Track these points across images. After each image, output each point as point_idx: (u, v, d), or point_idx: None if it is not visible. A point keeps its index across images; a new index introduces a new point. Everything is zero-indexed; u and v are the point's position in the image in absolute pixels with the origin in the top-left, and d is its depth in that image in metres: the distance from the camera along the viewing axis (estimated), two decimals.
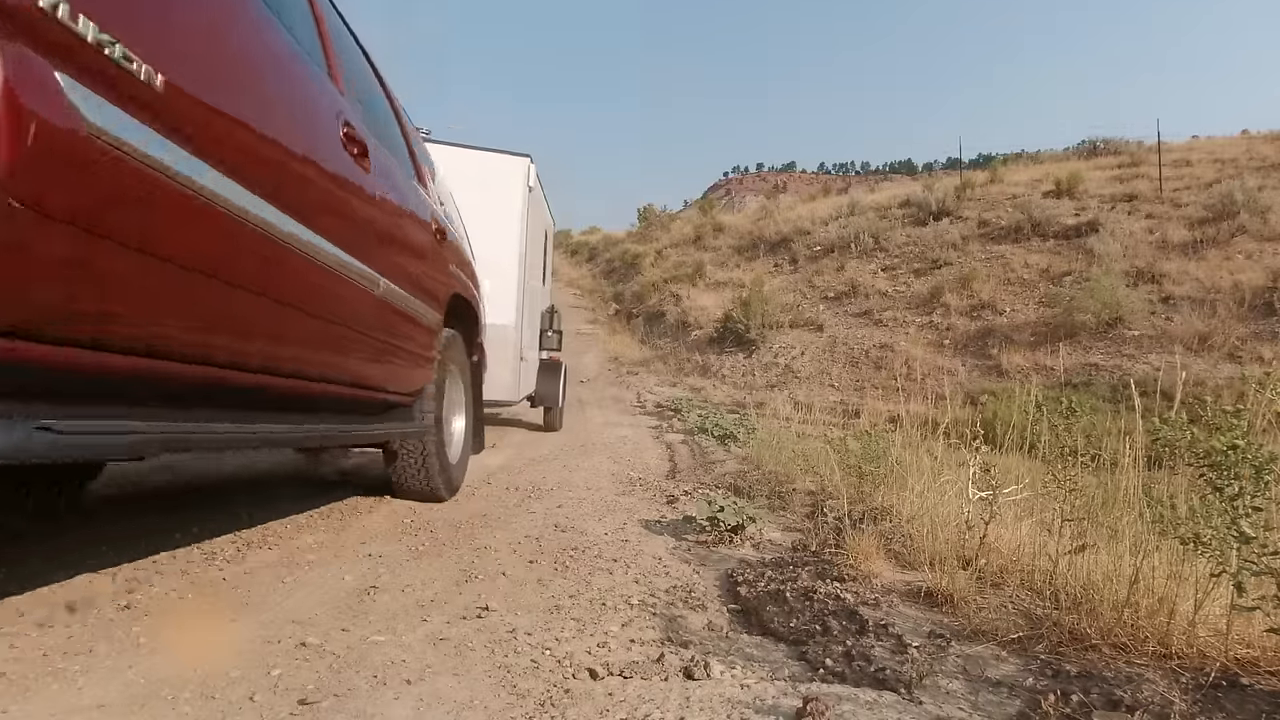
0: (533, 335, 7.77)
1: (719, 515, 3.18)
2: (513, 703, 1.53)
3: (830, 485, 4.24)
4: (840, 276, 17.63)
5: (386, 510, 3.44)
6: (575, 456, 6.07)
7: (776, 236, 21.31)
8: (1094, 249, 14.68)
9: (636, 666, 1.73)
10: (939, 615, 2.25)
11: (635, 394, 11.52)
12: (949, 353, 13.67)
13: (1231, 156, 18.24)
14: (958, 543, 2.68)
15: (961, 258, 16.39)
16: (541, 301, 8.65)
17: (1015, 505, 2.95)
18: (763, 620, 2.18)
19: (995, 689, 1.72)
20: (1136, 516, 2.14)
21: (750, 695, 1.61)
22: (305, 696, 1.48)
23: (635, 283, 22.42)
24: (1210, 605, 1.87)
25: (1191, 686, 1.68)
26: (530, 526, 3.28)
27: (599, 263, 28.15)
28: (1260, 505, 1.75)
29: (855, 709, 1.56)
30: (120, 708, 1.40)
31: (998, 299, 14.53)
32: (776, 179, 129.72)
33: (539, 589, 2.36)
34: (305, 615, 1.96)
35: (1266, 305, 11.94)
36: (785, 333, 15.66)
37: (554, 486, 4.44)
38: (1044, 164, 22.50)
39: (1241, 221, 14.01)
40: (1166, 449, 2.12)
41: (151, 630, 1.77)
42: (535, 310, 7.96)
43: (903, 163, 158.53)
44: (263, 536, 2.88)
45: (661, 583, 2.52)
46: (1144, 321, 12.48)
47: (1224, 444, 1.78)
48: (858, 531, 2.97)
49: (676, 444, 7.31)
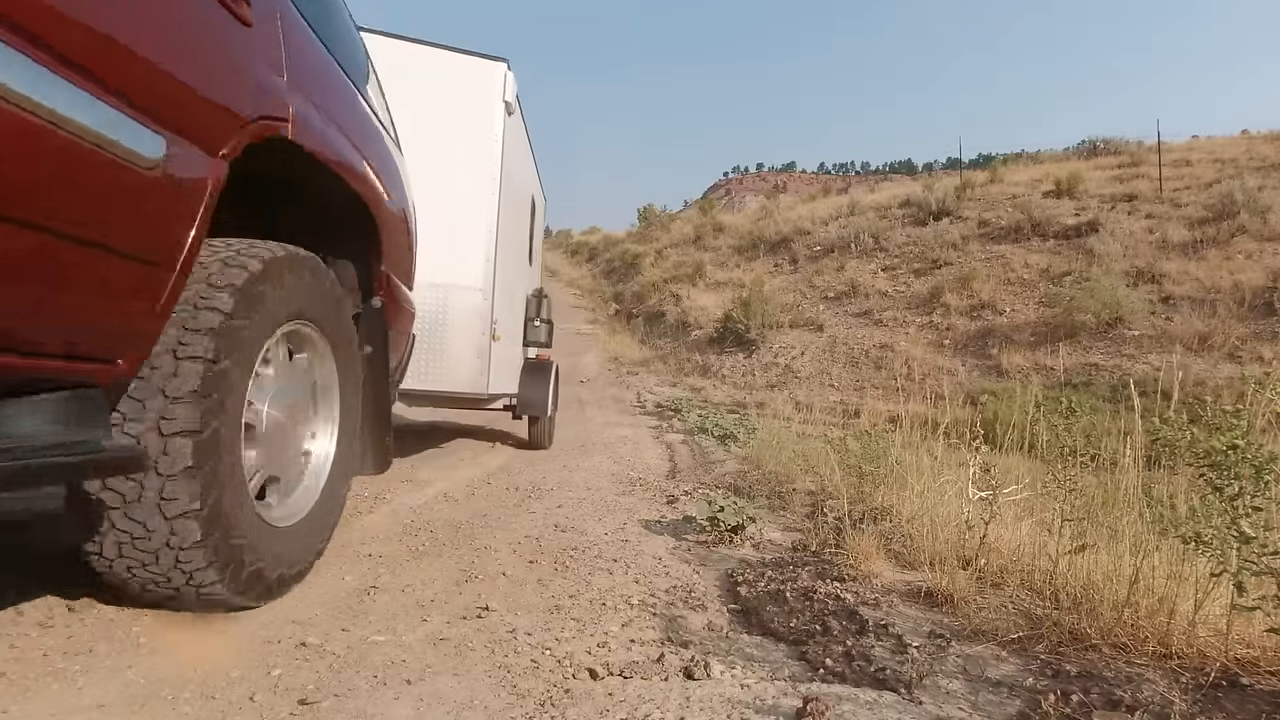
0: (514, 319, 6.17)
1: (719, 515, 3.18)
2: (513, 703, 1.53)
3: (830, 485, 4.24)
4: (840, 276, 17.63)
5: (387, 510, 3.44)
6: (575, 456, 6.07)
7: (776, 236, 21.31)
8: (1094, 249, 14.68)
9: (636, 666, 1.73)
10: (939, 615, 2.25)
11: (635, 394, 11.52)
12: (949, 353, 13.67)
13: (1231, 156, 18.25)
14: (958, 543, 2.68)
15: (961, 258, 16.40)
16: (528, 282, 6.97)
17: (1015, 505, 2.95)
18: (763, 620, 2.18)
19: (995, 689, 1.72)
20: (1136, 516, 2.14)
21: (750, 695, 1.61)
22: (305, 696, 1.48)
23: (635, 283, 22.43)
24: (1210, 605, 1.87)
25: (1191, 686, 1.68)
26: (530, 526, 3.28)
27: (599, 263, 28.16)
28: (1260, 505, 1.75)
29: (855, 709, 1.56)
30: (120, 708, 1.40)
31: (998, 299, 14.53)
32: (776, 179, 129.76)
33: (539, 589, 2.36)
34: (305, 615, 1.96)
35: (1266, 305, 11.94)
36: (785, 333, 15.66)
37: (554, 486, 4.44)
38: (1044, 164, 22.51)
39: (1241, 221, 14.02)
40: (1166, 449, 2.13)
41: (151, 630, 1.77)
42: (517, 288, 6.30)
43: (903, 163, 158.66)
44: None
45: (661, 583, 2.52)
46: (1144, 321, 12.48)
47: (1224, 444, 1.78)
48: (858, 531, 2.97)
49: (676, 444, 7.31)
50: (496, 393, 5.35)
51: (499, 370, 5.29)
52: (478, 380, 4.88)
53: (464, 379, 4.83)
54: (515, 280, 6.13)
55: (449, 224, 4.69)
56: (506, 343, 5.69)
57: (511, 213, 5.57)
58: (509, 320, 5.82)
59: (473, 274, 4.88)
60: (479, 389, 4.91)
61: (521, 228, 6.37)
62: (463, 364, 4.81)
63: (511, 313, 6.00)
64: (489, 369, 4.94)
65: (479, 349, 4.88)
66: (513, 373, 6.15)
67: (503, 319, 5.37)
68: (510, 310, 5.89)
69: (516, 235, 6.02)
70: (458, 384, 4.82)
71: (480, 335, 4.88)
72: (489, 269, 4.93)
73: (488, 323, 4.92)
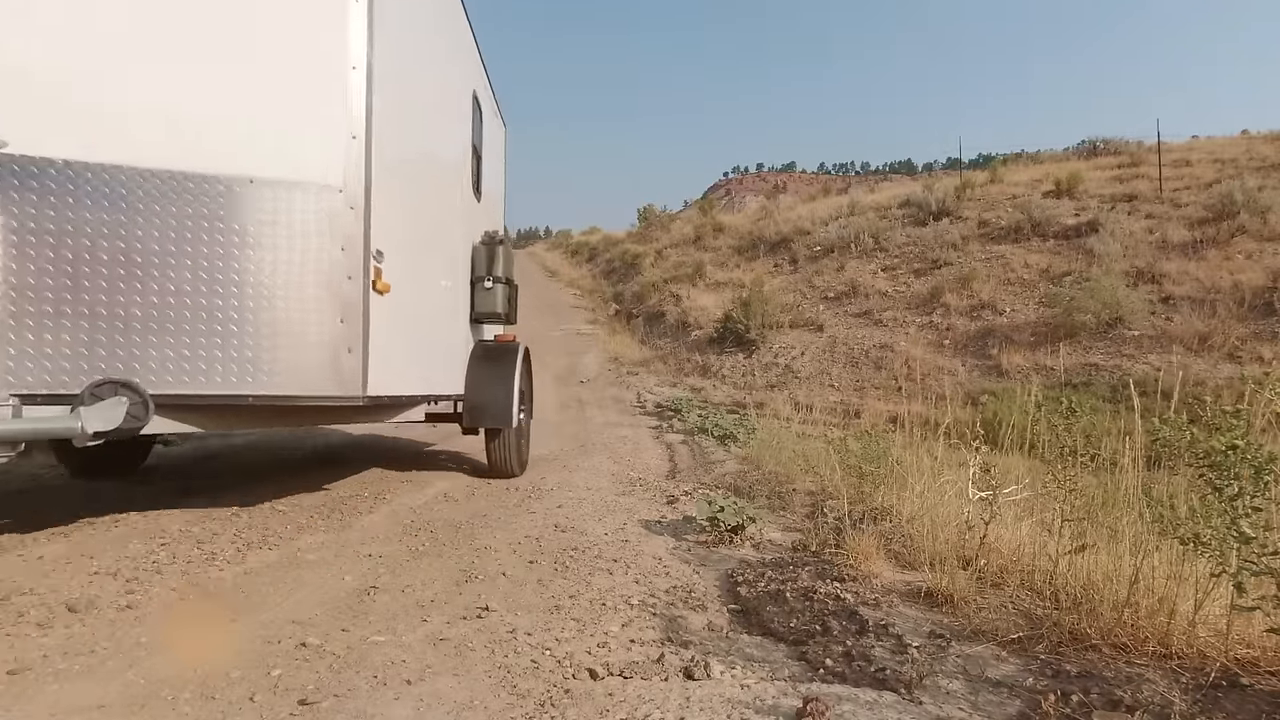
0: (436, 269, 3.98)
1: (719, 515, 3.18)
2: (513, 703, 1.53)
3: (830, 485, 4.24)
4: (840, 276, 17.63)
5: (386, 510, 3.44)
6: (575, 457, 6.07)
7: (776, 237, 21.30)
8: (1094, 249, 14.68)
9: (636, 667, 1.73)
10: (939, 615, 2.25)
11: (635, 394, 11.50)
12: (949, 353, 13.67)
13: (1231, 156, 18.25)
14: (958, 543, 2.68)
15: (961, 258, 16.39)
16: (470, 221, 4.74)
17: (1015, 505, 2.95)
18: (763, 620, 2.18)
19: (995, 689, 1.72)
20: (1136, 516, 2.14)
21: (750, 695, 1.61)
22: (305, 697, 1.48)
23: (635, 283, 22.42)
24: (1210, 605, 1.87)
25: (1191, 686, 1.68)
26: (530, 526, 3.27)
27: (599, 263, 28.14)
28: (1260, 505, 1.75)
29: (855, 709, 1.56)
30: (120, 708, 1.40)
31: (998, 299, 14.53)
32: (776, 179, 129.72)
33: (539, 589, 2.36)
34: (305, 615, 1.96)
35: (1266, 305, 11.94)
36: (785, 333, 15.66)
37: (554, 487, 4.43)
38: (1044, 164, 22.50)
39: (1241, 221, 14.02)
40: (1166, 449, 2.13)
41: (151, 630, 1.77)
42: (447, 222, 4.22)
43: (903, 163, 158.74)
44: (263, 537, 2.88)
45: (661, 583, 2.52)
46: (1144, 321, 12.48)
47: (1224, 444, 1.78)
48: (858, 532, 2.97)
49: (676, 444, 7.30)
50: (388, 393, 3.06)
51: (395, 350, 3.13)
52: (334, 367, 2.73)
53: (300, 367, 2.71)
54: (439, 207, 4.04)
55: (249, 43, 2.71)
56: (414, 303, 3.46)
57: (419, 80, 3.61)
58: (421, 266, 3.63)
59: (316, 155, 2.75)
60: (338, 386, 2.74)
61: (451, 125, 4.34)
62: (296, 338, 2.71)
63: (427, 256, 3.80)
64: (364, 346, 2.76)
65: (335, 306, 2.73)
66: (445, 360, 4.10)
67: (399, 255, 3.13)
68: (423, 249, 3.71)
69: (438, 129, 4.03)
70: (289, 379, 2.70)
71: (337, 278, 2.73)
72: (358, 152, 2.76)
73: (358, 254, 2.75)
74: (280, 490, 3.82)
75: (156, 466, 4.69)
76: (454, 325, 4.40)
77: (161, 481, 4.20)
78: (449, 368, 4.21)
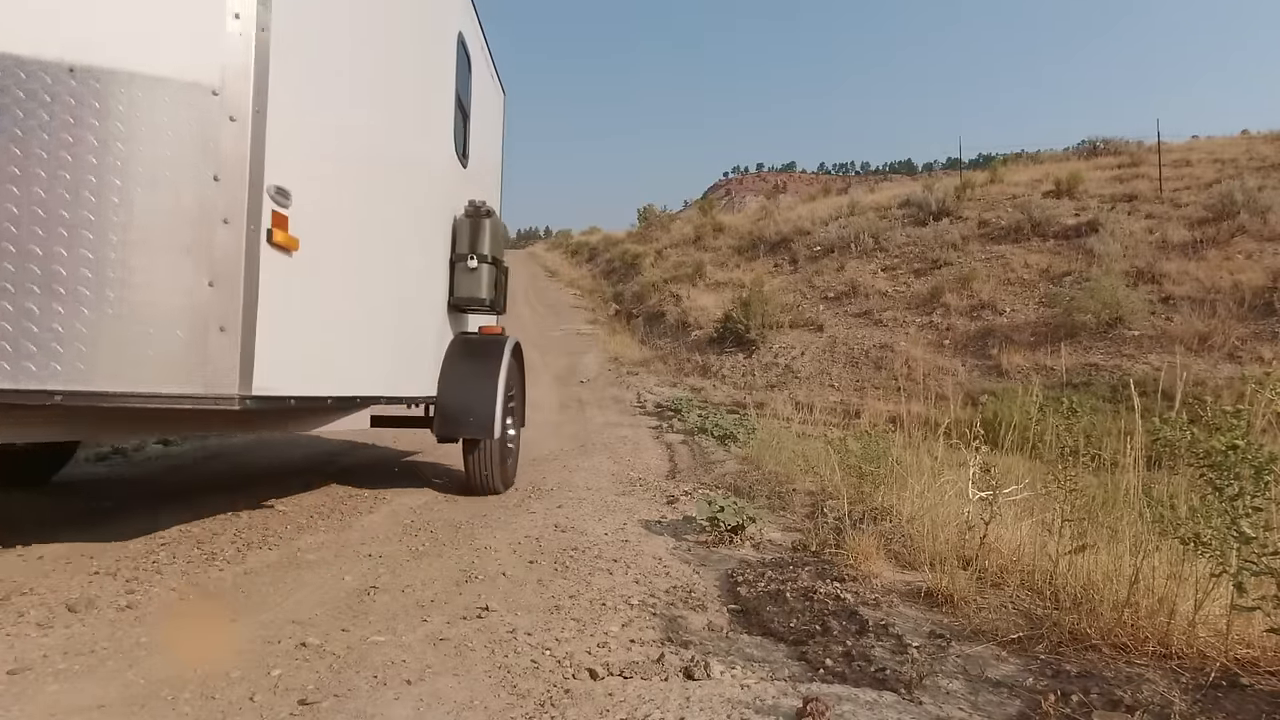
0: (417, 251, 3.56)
1: (719, 515, 3.18)
2: (513, 703, 1.53)
3: (830, 485, 4.24)
4: (840, 276, 17.63)
5: (387, 510, 3.44)
6: (575, 457, 6.07)
7: (776, 237, 21.30)
8: (1094, 249, 14.68)
9: (636, 667, 1.73)
10: (939, 615, 2.25)
11: (635, 394, 11.50)
12: (949, 353, 13.67)
13: (1231, 156, 18.26)
14: (958, 543, 2.68)
15: (961, 258, 16.39)
16: (452, 189, 4.09)
17: (1015, 505, 2.95)
18: (763, 620, 2.18)
19: (995, 689, 1.72)
20: (1136, 517, 2.14)
21: (750, 695, 1.61)
22: (305, 697, 1.48)
23: (635, 283, 22.41)
24: (1210, 605, 1.87)
25: (1191, 686, 1.68)
26: (530, 526, 3.27)
27: (599, 263, 28.14)
28: (1260, 505, 1.75)
29: (855, 709, 1.56)
30: (120, 708, 1.40)
31: (998, 299, 14.53)
32: (776, 179, 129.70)
33: (539, 589, 2.36)
34: (305, 615, 1.96)
35: (1266, 305, 11.94)
36: (785, 333, 15.66)
37: (554, 487, 4.43)
38: (1044, 164, 22.50)
39: (1241, 221, 14.02)
40: (1166, 449, 2.13)
41: (151, 630, 1.77)
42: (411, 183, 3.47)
43: (903, 163, 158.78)
44: (263, 537, 2.88)
45: (661, 583, 2.52)
46: (1144, 321, 12.48)
47: (1224, 444, 1.78)
48: (858, 532, 2.97)
49: (676, 444, 7.30)
50: (293, 392, 2.29)
51: (309, 333, 2.39)
52: (196, 352, 1.96)
53: (143, 352, 1.94)
54: (403, 157, 3.32)
55: None
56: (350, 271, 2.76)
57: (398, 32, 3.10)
58: (368, 225, 2.92)
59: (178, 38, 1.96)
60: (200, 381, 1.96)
61: (424, 57, 3.61)
62: (139, 308, 1.94)
63: (381, 215, 3.06)
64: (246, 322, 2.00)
65: (201, 262, 1.96)
66: (407, 353, 3.45)
67: (323, 199, 2.40)
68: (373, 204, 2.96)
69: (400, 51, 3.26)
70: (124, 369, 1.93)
71: (207, 221, 1.97)
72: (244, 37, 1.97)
73: (240, 187, 1.99)
74: (280, 490, 3.82)
75: (156, 466, 4.69)
76: (423, 310, 3.62)
77: (162, 481, 4.20)
78: (414, 363, 3.46)
